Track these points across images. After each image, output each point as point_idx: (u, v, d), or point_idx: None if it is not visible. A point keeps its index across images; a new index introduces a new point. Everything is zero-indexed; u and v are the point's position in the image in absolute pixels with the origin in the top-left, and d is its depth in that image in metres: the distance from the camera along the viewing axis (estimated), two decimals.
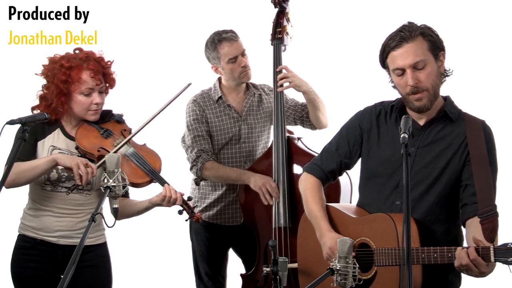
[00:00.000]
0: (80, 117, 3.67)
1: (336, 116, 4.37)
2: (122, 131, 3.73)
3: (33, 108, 3.67)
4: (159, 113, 3.68)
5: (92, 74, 3.59)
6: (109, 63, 3.70)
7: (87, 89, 3.60)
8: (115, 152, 3.57)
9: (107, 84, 3.70)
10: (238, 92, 4.42)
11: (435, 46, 3.10)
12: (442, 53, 3.14)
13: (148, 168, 3.62)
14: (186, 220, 3.67)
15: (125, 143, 3.64)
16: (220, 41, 4.27)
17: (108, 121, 3.75)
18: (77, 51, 3.68)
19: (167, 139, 4.94)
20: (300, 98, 4.42)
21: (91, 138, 3.63)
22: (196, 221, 3.68)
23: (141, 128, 3.66)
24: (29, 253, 3.63)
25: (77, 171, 3.43)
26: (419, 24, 3.12)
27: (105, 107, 3.76)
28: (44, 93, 3.65)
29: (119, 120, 3.78)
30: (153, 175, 3.61)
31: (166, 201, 3.58)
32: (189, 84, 3.77)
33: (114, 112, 3.81)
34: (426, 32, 3.09)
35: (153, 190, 3.71)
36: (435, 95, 3.13)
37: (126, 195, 3.74)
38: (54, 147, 3.62)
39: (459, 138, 3.15)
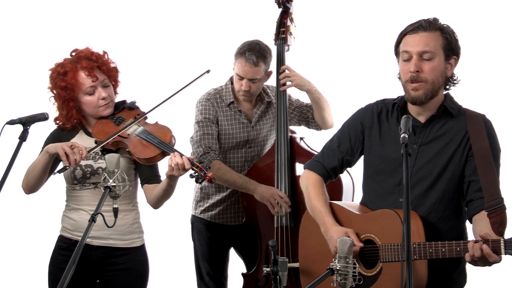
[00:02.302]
0: (94, 116, 3.68)
1: (340, 115, 4.35)
2: (135, 116, 3.71)
3: (54, 120, 3.69)
4: (172, 96, 3.66)
5: (86, 72, 3.59)
6: (103, 55, 3.69)
7: (88, 88, 3.60)
8: (122, 131, 3.58)
9: (110, 76, 3.69)
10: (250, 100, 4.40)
11: (450, 47, 3.11)
12: (454, 57, 3.14)
13: (157, 141, 3.58)
14: (201, 182, 3.57)
15: (131, 123, 3.62)
16: (241, 55, 4.19)
17: (122, 110, 3.75)
18: (73, 54, 3.67)
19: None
20: (305, 98, 4.41)
21: (106, 129, 3.63)
22: (209, 181, 3.50)
23: (152, 110, 3.65)
24: (65, 254, 3.62)
25: (62, 153, 3.40)
26: (444, 24, 3.14)
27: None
28: (57, 103, 3.67)
29: (131, 106, 3.76)
30: (162, 146, 3.56)
31: (175, 169, 3.43)
32: (208, 71, 3.72)
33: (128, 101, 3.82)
34: (446, 30, 3.11)
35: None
36: (433, 90, 3.12)
37: (157, 180, 3.68)
38: None
39: (460, 133, 3.15)
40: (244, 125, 4.35)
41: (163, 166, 3.63)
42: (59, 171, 3.51)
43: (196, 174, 3.48)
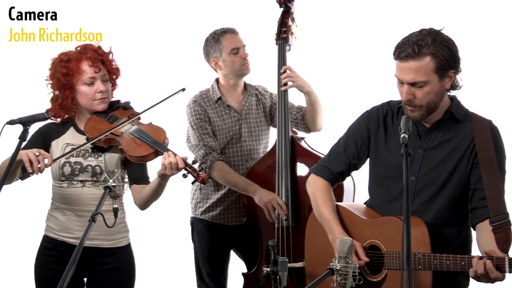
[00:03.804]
0: (88, 109, 3.69)
1: (340, 116, 4.36)
2: (129, 116, 3.72)
3: (47, 111, 3.66)
4: (145, 111, 3.68)
5: (90, 63, 3.61)
6: (109, 52, 3.72)
7: (88, 78, 3.62)
8: (115, 128, 3.59)
9: (111, 74, 3.71)
10: (236, 92, 4.43)
11: (444, 67, 3.02)
12: (453, 71, 3.06)
13: (151, 140, 3.58)
14: (192, 183, 3.58)
15: (125, 121, 3.63)
16: (224, 33, 4.33)
17: (116, 109, 3.76)
18: (78, 48, 3.71)
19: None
20: (300, 100, 4.41)
21: (99, 126, 3.64)
22: (202, 182, 3.52)
23: (145, 111, 3.67)
24: (51, 254, 3.64)
25: (26, 159, 3.37)
26: (440, 36, 3.03)
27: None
28: (53, 94, 3.68)
29: (125, 106, 3.78)
30: (156, 145, 3.56)
31: (168, 168, 3.43)
32: (183, 89, 3.73)
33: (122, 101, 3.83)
34: (438, 53, 2.99)
35: None
36: (429, 110, 3.09)
37: (146, 181, 3.68)
38: (67, 144, 3.65)
39: (466, 140, 3.12)
40: (235, 118, 4.37)
41: (153, 168, 3.64)
42: (22, 178, 3.48)
43: (189, 174, 3.49)
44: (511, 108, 5.46)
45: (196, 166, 3.56)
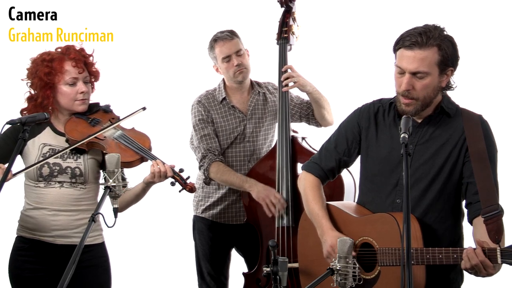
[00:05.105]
0: (68, 110, 3.68)
1: (341, 115, 4.35)
2: (110, 119, 3.74)
3: (22, 111, 3.68)
4: (107, 128, 3.67)
5: (73, 63, 3.62)
6: (90, 55, 3.72)
7: (71, 78, 3.62)
8: (99, 132, 3.59)
9: (92, 76, 3.72)
10: (242, 92, 4.43)
11: (446, 62, 3.05)
12: (451, 69, 3.09)
13: (136, 146, 3.61)
14: (180, 191, 3.61)
15: (110, 126, 3.64)
16: (216, 41, 4.33)
17: (96, 112, 3.76)
18: (59, 49, 3.71)
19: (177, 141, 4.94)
20: (305, 96, 4.41)
21: (80, 128, 3.64)
22: (189, 190, 3.59)
23: (108, 128, 3.65)
24: (26, 255, 3.63)
25: None
26: (444, 33, 3.06)
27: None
28: (30, 93, 3.68)
29: (106, 109, 3.79)
30: (142, 152, 3.59)
31: (156, 176, 3.52)
32: (144, 108, 3.71)
33: (102, 104, 3.83)
34: (444, 46, 3.02)
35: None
36: (424, 105, 3.10)
37: (124, 186, 3.70)
38: (44, 144, 3.64)
39: (457, 134, 3.13)
40: (240, 118, 4.38)
41: (135, 173, 3.66)
42: None
43: (177, 182, 3.56)
44: (501, 106, 5.48)
45: (183, 174, 3.61)
